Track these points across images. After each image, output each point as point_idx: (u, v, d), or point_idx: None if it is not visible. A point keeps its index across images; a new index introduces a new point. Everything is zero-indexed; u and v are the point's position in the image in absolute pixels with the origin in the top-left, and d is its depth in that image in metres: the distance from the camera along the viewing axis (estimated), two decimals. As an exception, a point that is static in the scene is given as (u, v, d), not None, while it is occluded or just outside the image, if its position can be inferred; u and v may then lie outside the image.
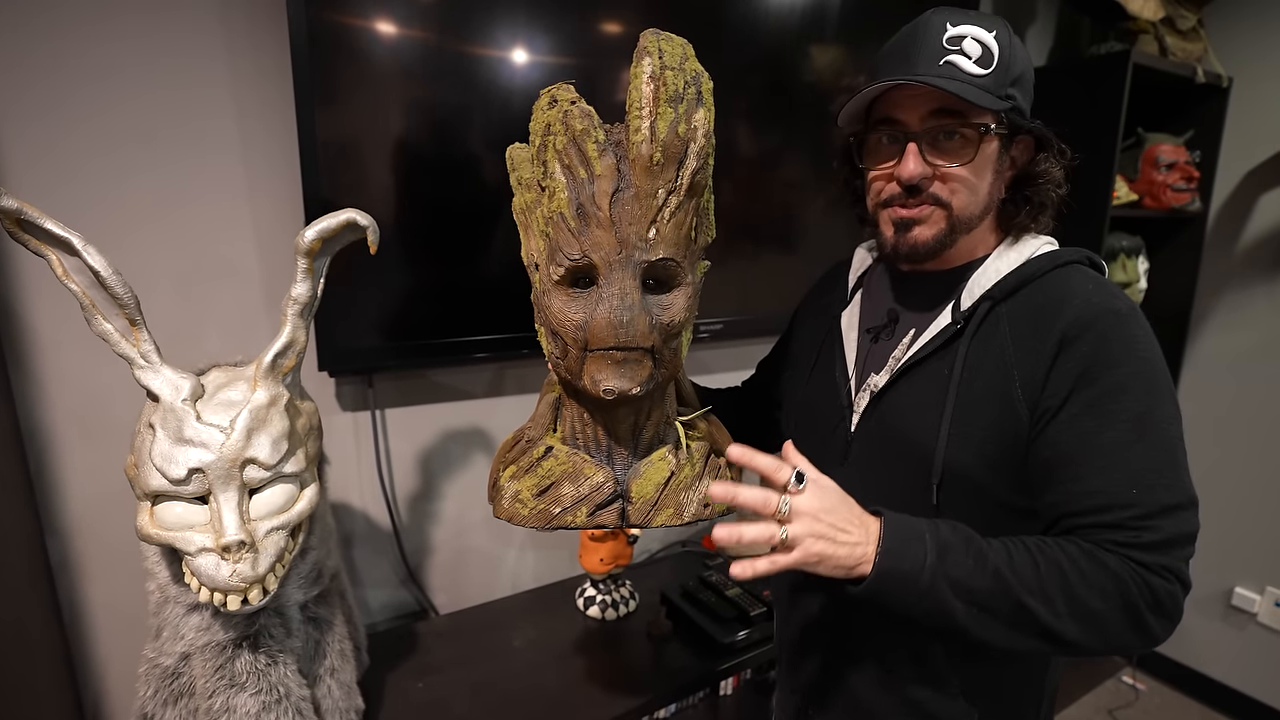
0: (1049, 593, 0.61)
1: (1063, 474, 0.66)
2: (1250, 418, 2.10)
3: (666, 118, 0.60)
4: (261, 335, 1.20)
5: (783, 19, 1.48)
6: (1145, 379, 0.65)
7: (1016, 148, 0.75)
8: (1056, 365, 0.66)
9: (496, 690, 1.14)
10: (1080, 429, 0.65)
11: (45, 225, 0.70)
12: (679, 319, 0.67)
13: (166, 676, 0.85)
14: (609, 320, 0.62)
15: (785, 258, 1.68)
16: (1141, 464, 0.63)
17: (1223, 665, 2.22)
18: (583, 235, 0.63)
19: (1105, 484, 0.63)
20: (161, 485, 0.74)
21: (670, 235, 0.64)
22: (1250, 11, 1.99)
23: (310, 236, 0.79)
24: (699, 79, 0.63)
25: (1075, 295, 0.69)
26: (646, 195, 0.62)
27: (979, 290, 0.74)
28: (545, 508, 0.71)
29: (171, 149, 1.08)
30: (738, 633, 1.26)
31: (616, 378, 0.64)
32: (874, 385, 0.80)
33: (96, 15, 1.01)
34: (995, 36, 0.69)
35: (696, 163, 0.63)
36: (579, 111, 0.63)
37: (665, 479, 0.72)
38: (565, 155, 0.63)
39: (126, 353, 0.75)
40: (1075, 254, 0.74)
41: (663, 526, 0.72)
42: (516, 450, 0.77)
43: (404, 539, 1.38)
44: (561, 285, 0.65)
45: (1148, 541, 0.62)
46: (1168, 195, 1.90)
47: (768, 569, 0.61)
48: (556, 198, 0.64)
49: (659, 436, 0.76)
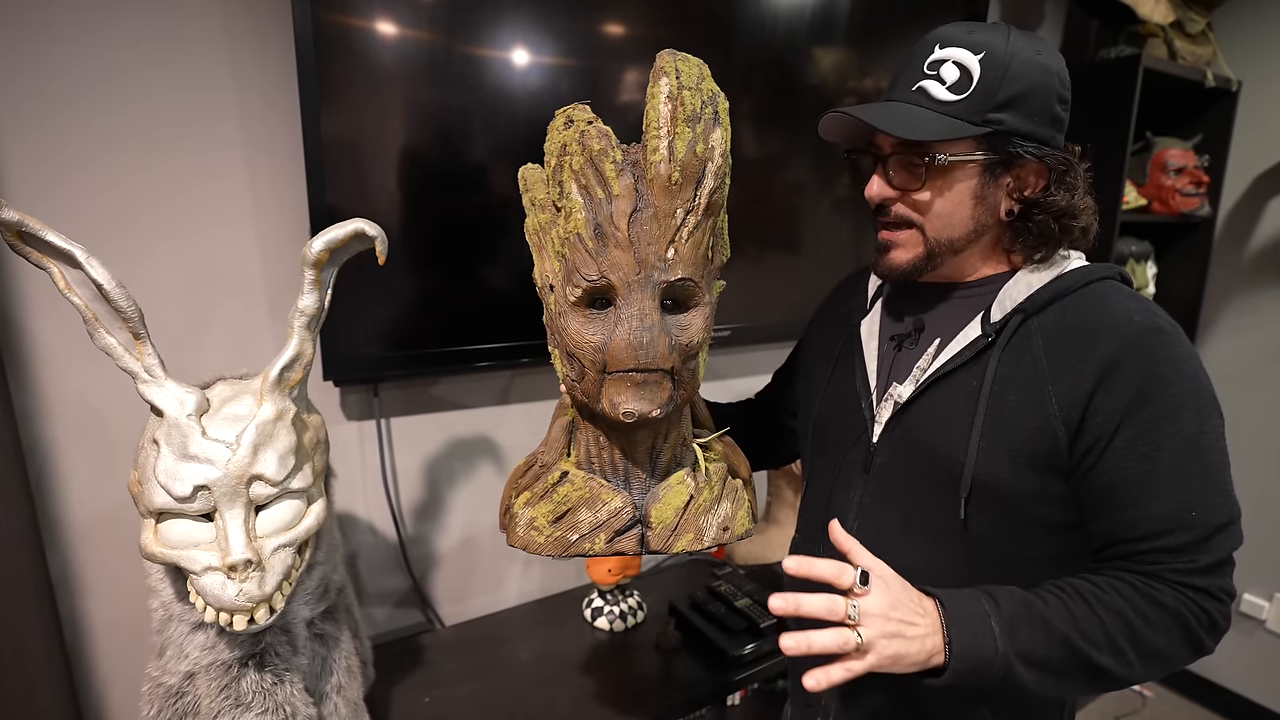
0: (1119, 645, 0.62)
1: (1121, 499, 0.66)
2: (1259, 422, 2.09)
3: (684, 137, 0.60)
4: (265, 345, 1.18)
5: (789, 21, 1.47)
6: (1194, 397, 0.65)
7: (1023, 171, 0.72)
8: (1105, 387, 0.66)
9: (504, 704, 1.13)
10: (1138, 454, 0.65)
11: (47, 237, 0.68)
12: (697, 339, 0.66)
13: (170, 696, 0.83)
14: (629, 342, 0.61)
15: (792, 263, 1.66)
16: (1198, 485, 0.64)
17: (1230, 672, 2.21)
18: (600, 256, 0.62)
19: (1165, 508, 0.64)
20: (166, 502, 0.72)
21: (688, 255, 0.63)
22: (1260, 15, 1.99)
23: (318, 247, 0.77)
24: (715, 99, 0.62)
25: (1116, 314, 0.68)
26: (665, 215, 0.61)
27: (1010, 303, 0.73)
28: (562, 535, 0.70)
29: (173, 155, 1.07)
30: (747, 645, 1.24)
31: (636, 400, 0.63)
32: (898, 396, 0.78)
33: (98, 21, 0.99)
34: (982, 59, 0.69)
35: (714, 182, 0.63)
36: (596, 132, 0.62)
37: (684, 503, 0.71)
38: (582, 175, 0.62)
39: (130, 367, 0.74)
40: (1107, 269, 0.73)
41: (683, 553, 0.70)
42: (530, 476, 0.76)
43: (409, 550, 1.36)
44: (578, 307, 0.64)
45: (1204, 565, 0.63)
46: (1176, 199, 1.89)
47: (844, 677, 0.59)
48: (573, 218, 0.62)
49: (676, 459, 0.74)
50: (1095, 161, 0.78)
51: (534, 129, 1.22)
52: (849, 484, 0.83)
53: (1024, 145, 0.70)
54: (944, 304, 0.79)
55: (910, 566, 0.75)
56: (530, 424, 1.47)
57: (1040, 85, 0.70)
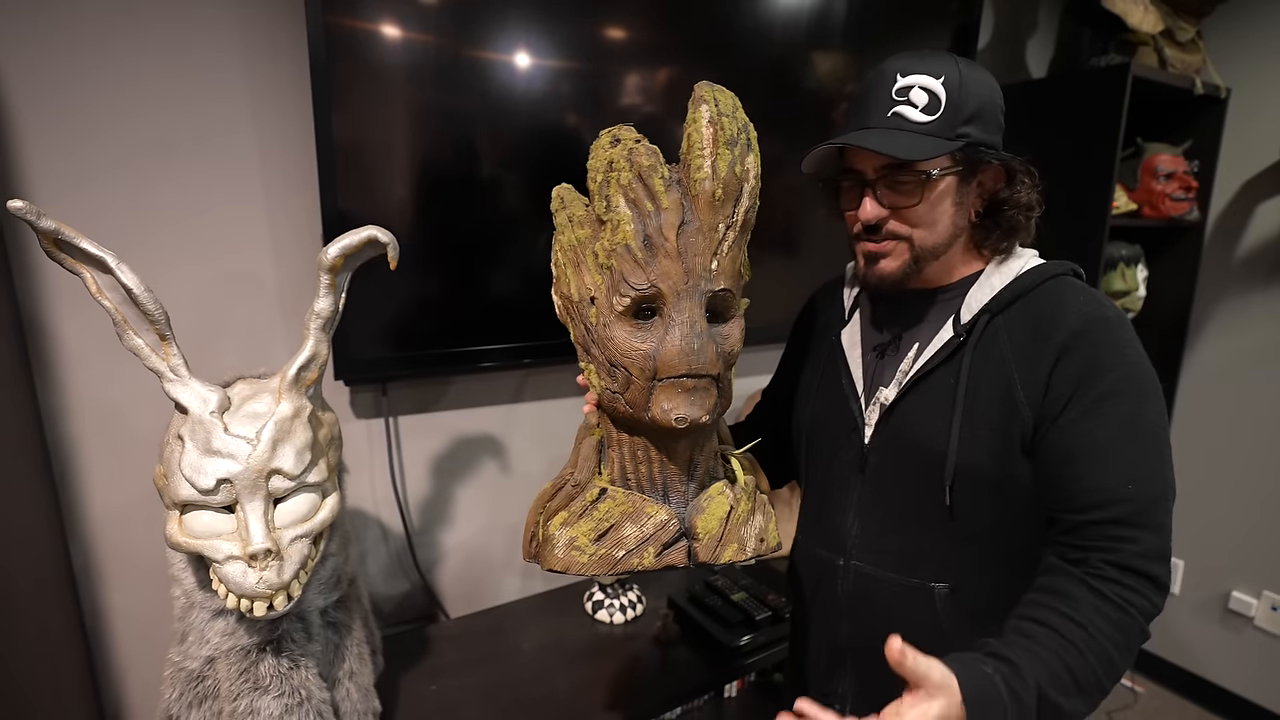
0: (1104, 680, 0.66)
1: (1066, 473, 0.71)
2: (1247, 424, 2.12)
3: (725, 158, 0.65)
4: (279, 345, 1.22)
5: (788, 25, 1.51)
6: (1135, 381, 0.71)
7: (985, 175, 0.79)
8: (1056, 371, 0.72)
9: (507, 693, 1.16)
10: (1079, 430, 0.70)
11: (80, 244, 0.73)
12: (736, 349, 0.70)
13: (192, 680, 0.88)
14: (681, 348, 0.64)
15: (792, 265, 1.70)
16: (1136, 461, 0.69)
17: (1220, 668, 2.24)
18: (650, 266, 0.65)
19: (1103, 481, 0.69)
20: (190, 495, 0.77)
21: (728, 268, 0.67)
22: (1248, 23, 2.02)
23: (333, 253, 0.81)
24: (747, 128, 0.68)
25: (1069, 306, 0.74)
26: (709, 229, 0.66)
27: (977, 305, 0.79)
28: (607, 552, 0.69)
29: (190, 161, 1.11)
30: (743, 636, 1.28)
31: (688, 405, 0.65)
32: (884, 399, 0.84)
33: (115, 27, 1.03)
34: (944, 82, 0.74)
35: (749, 201, 0.68)
36: (645, 149, 0.66)
37: (727, 513, 0.72)
38: (631, 190, 0.65)
39: (156, 366, 0.78)
40: (1062, 267, 0.79)
41: (729, 563, 0.71)
42: (562, 497, 0.75)
43: (416, 543, 1.40)
44: (624, 317, 0.67)
45: (1148, 548, 0.67)
46: (1166, 204, 1.92)
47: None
48: (621, 230, 0.65)
49: (710, 471, 0.76)
50: (1086, 167, 0.83)
51: (542, 133, 1.28)
52: (846, 485, 0.89)
53: (988, 152, 0.77)
54: (919, 311, 0.85)
55: (904, 553, 0.83)
56: (535, 421, 1.51)
57: (989, 99, 0.77)
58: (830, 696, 0.93)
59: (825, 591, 0.92)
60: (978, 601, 0.80)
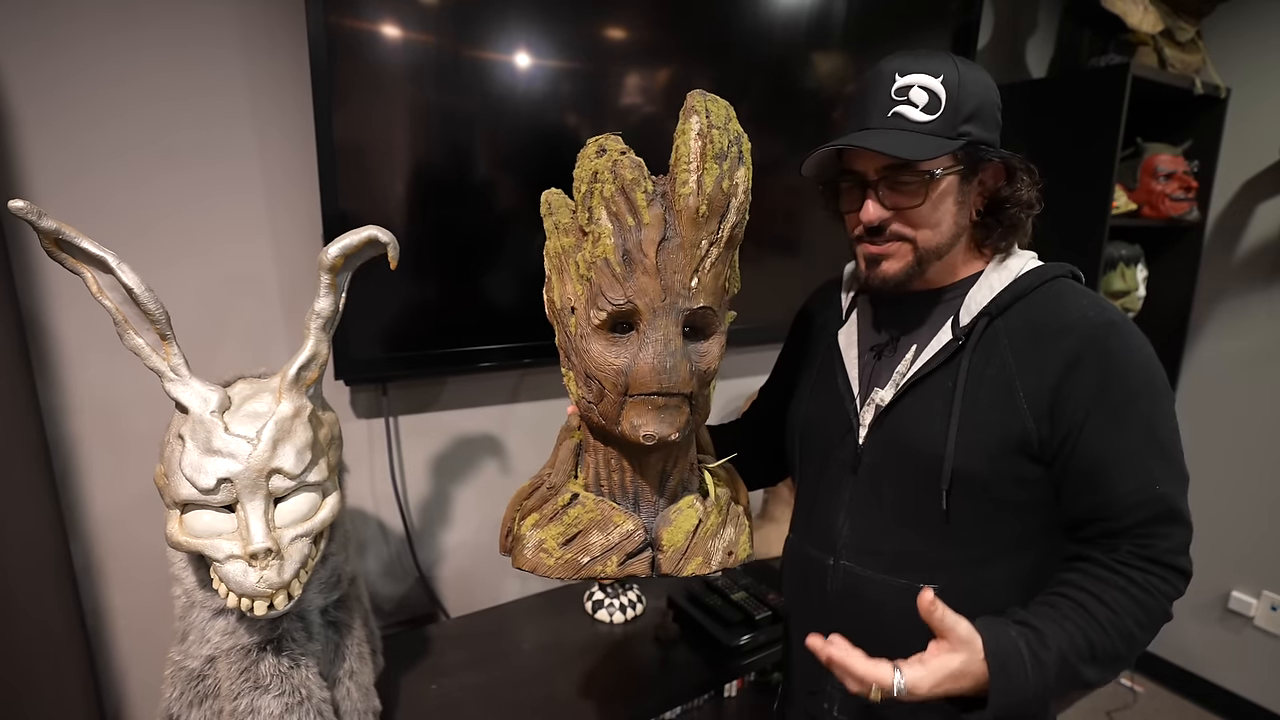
0: (1125, 655, 0.70)
1: (1098, 480, 0.72)
2: (1248, 424, 2.13)
3: (712, 173, 0.63)
4: (279, 344, 1.22)
5: (788, 25, 1.51)
6: (1148, 383, 0.72)
7: (986, 173, 0.79)
8: (1071, 380, 0.72)
9: (507, 693, 1.17)
10: (1106, 437, 0.72)
11: (81, 244, 0.73)
12: (713, 367, 0.69)
13: (192, 679, 0.88)
14: (653, 366, 0.63)
15: (791, 265, 1.71)
16: (1159, 461, 0.72)
17: (1220, 668, 2.25)
18: (628, 281, 0.64)
19: (1133, 485, 0.71)
20: (191, 494, 0.77)
21: (709, 285, 0.66)
22: (1248, 23, 2.02)
23: (333, 253, 0.81)
24: (740, 140, 0.66)
25: (1072, 311, 0.75)
26: (691, 245, 0.64)
27: (976, 307, 0.79)
28: (573, 557, 0.70)
29: (190, 160, 1.11)
30: (743, 636, 1.28)
31: (657, 423, 0.65)
32: (880, 400, 0.83)
33: (114, 24, 1.03)
34: (943, 80, 0.74)
35: (736, 217, 0.66)
36: (629, 162, 0.65)
37: (694, 527, 0.72)
38: (613, 203, 0.64)
39: (157, 366, 0.78)
40: (1061, 269, 0.80)
41: (692, 575, 0.72)
42: (536, 498, 0.76)
43: (416, 543, 1.41)
44: (601, 330, 0.66)
45: (1177, 543, 0.71)
46: (1166, 204, 1.93)
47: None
48: (601, 243, 0.64)
49: (683, 483, 0.76)
50: (1086, 167, 0.83)
51: (542, 134, 1.28)
52: (838, 484, 0.88)
53: (989, 150, 0.76)
54: (918, 313, 0.85)
55: (894, 554, 0.82)
56: (533, 420, 1.51)
57: (987, 98, 0.76)
58: (819, 694, 0.93)
59: (815, 590, 0.91)
60: (965, 602, 0.79)
